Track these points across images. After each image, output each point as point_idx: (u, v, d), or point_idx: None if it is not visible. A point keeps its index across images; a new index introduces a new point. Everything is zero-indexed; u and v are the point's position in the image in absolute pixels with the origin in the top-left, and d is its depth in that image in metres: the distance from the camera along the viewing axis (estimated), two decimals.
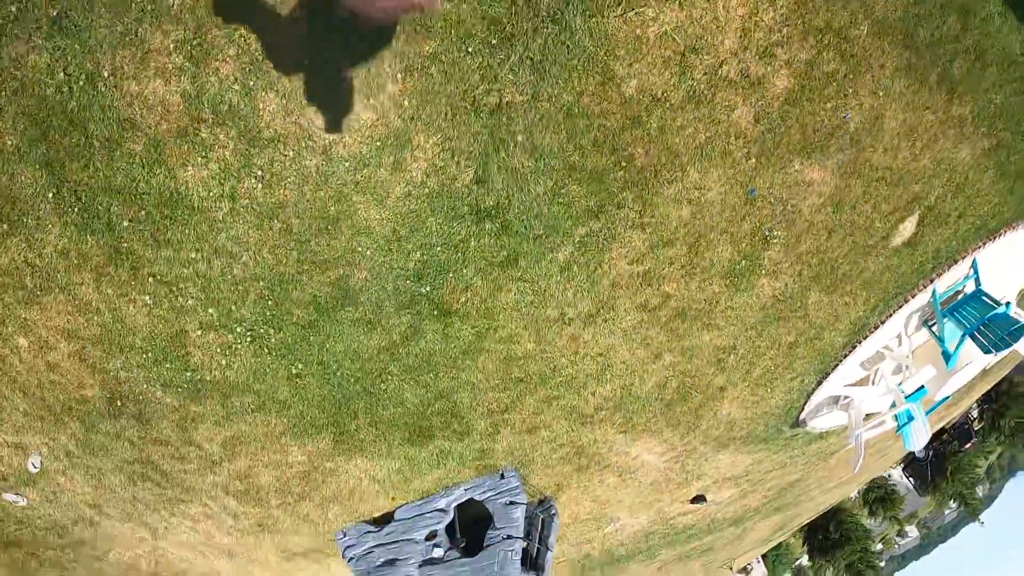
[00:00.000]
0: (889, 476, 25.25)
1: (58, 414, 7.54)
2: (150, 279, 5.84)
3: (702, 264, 6.86)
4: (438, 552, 9.54)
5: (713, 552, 17.02)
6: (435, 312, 6.15)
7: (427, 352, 6.50)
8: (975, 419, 22.05)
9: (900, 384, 10.02)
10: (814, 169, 6.85)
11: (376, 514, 9.68)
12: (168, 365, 6.44)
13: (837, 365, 9.55)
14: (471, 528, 9.82)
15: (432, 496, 9.65)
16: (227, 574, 10.52)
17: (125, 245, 5.71)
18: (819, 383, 9.80)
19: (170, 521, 9.15)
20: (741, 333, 7.95)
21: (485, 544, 9.24)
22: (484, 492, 9.30)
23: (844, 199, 7.16)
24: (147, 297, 5.98)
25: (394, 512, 9.81)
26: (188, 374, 6.48)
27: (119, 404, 7.02)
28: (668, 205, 6.18)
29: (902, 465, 24.90)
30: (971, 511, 23.60)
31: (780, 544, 25.29)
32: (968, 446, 22.22)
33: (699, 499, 12.04)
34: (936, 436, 21.44)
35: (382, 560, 9.94)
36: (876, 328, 9.01)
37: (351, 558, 10.09)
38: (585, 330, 6.78)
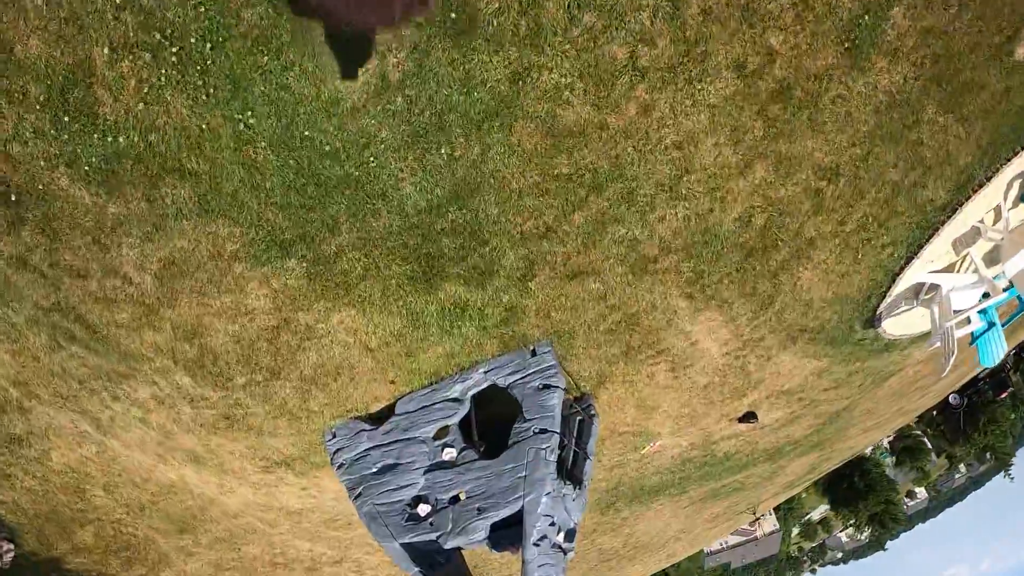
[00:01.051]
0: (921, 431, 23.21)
1: None
2: None
3: (818, 8, 4.74)
4: (450, 453, 7.40)
5: (742, 492, 14.88)
6: (449, 23, 4.04)
7: (438, 106, 4.37)
8: (1011, 368, 19.93)
9: (996, 277, 8.09)
10: None
11: (373, 407, 7.55)
12: (69, 122, 4.29)
13: (931, 236, 7.53)
14: (492, 431, 7.71)
15: (443, 381, 7.48)
16: (195, 486, 8.45)
17: None
18: (907, 262, 7.76)
19: (114, 408, 7.05)
20: (847, 149, 5.79)
21: (511, 441, 7.09)
22: (510, 374, 7.14)
23: None
24: None
25: (395, 404, 7.71)
26: (96, 138, 4.35)
27: (17, 202, 4.92)
28: None
29: (934, 412, 22.78)
30: (1001, 463, 21.53)
31: (793, 498, 23.44)
32: (1003, 395, 20.10)
33: (748, 417, 9.95)
34: (971, 383, 19.38)
35: (379, 465, 7.79)
36: (980, 187, 7.05)
37: (340, 464, 7.95)
38: (662, 93, 4.62)
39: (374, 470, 7.64)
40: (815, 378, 9.57)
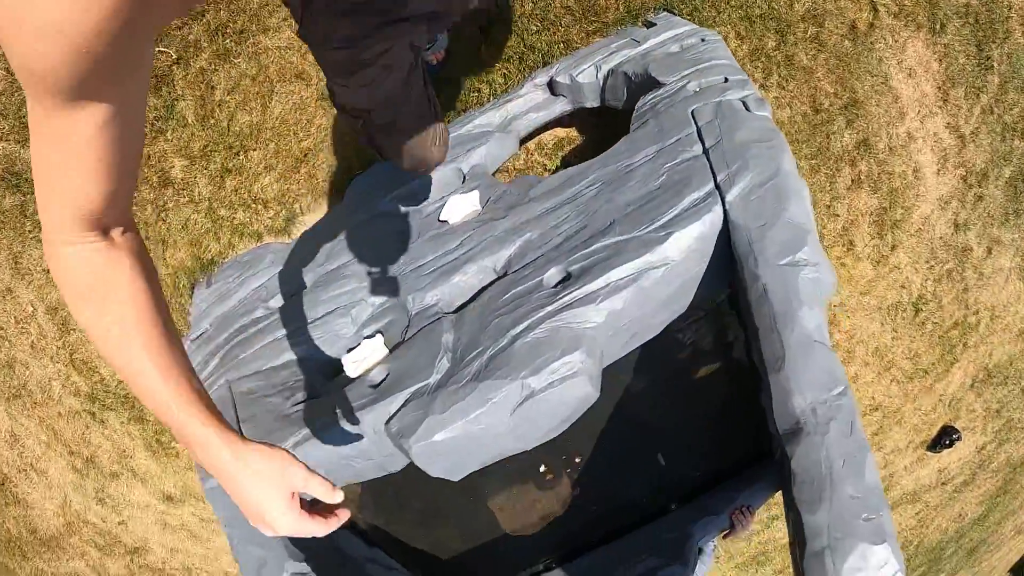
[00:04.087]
0: None
1: None
2: None
3: None
4: (463, 205, 2.51)
5: None
6: None
7: None
8: None
9: None
10: None
11: (304, 208, 3.10)
12: None
13: None
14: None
15: (465, 114, 3.27)
16: None
17: None
18: None
19: None
20: None
21: (637, 121, 2.34)
22: (607, 56, 2.87)
23: None
24: None
25: (351, 182, 3.20)
26: None
27: None
28: None
29: None
30: None
31: None
32: None
33: (946, 436, 5.18)
34: None
35: (280, 296, 2.81)
36: None
37: (201, 333, 2.78)
38: None
39: (259, 311, 2.74)
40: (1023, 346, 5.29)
